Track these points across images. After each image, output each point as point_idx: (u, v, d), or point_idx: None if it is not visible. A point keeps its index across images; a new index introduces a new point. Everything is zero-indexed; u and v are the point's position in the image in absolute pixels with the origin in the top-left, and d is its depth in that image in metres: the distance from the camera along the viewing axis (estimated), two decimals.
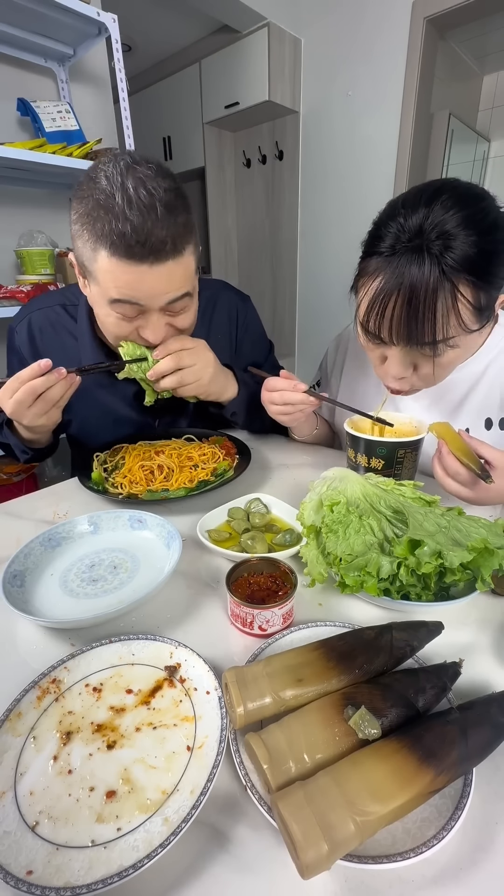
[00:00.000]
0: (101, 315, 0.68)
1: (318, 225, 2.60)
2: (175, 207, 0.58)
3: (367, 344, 0.63)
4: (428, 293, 0.51)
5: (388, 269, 0.53)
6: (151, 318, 0.65)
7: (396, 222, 0.53)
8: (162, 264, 0.59)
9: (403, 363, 0.60)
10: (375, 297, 0.55)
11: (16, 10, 1.30)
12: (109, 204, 0.56)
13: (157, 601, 0.47)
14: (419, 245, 0.51)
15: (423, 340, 0.54)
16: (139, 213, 0.55)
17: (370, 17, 2.09)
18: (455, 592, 0.45)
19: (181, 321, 0.70)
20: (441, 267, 0.50)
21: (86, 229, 0.58)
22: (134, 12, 2.21)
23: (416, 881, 0.26)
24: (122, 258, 0.57)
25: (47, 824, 0.28)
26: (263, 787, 0.29)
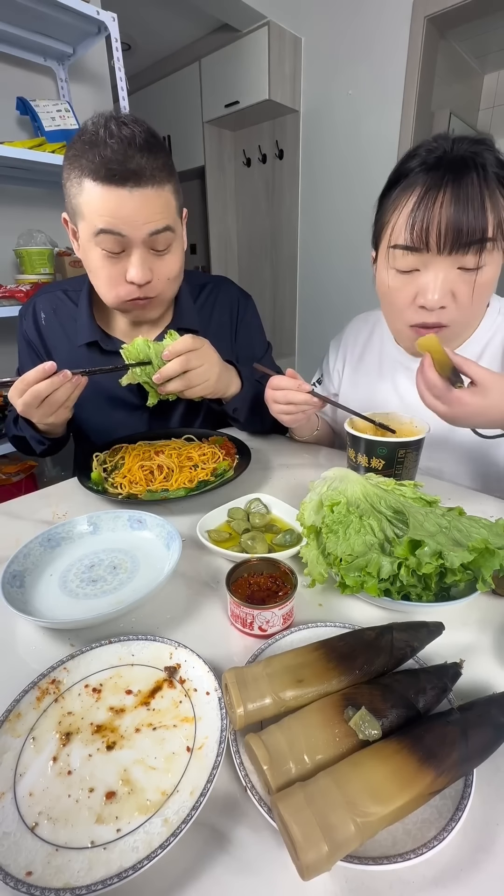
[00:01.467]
0: (91, 262, 0.69)
1: (318, 224, 2.60)
2: (154, 146, 0.64)
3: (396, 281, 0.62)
4: (474, 189, 0.53)
5: (429, 178, 0.55)
6: (135, 253, 0.67)
7: (424, 148, 0.56)
8: (141, 189, 0.63)
9: (444, 285, 0.59)
10: (419, 203, 0.56)
11: (15, 8, 1.30)
12: (93, 139, 0.61)
13: (157, 601, 0.47)
14: (455, 156, 0.54)
15: (474, 237, 0.54)
16: (119, 142, 0.61)
17: (370, 16, 2.08)
18: (456, 593, 0.44)
19: (166, 265, 0.71)
20: (478, 165, 0.53)
21: (73, 168, 0.63)
22: (133, 11, 2.20)
23: (417, 882, 0.26)
24: (103, 182, 0.61)
25: (47, 825, 0.28)
26: (263, 788, 0.29)
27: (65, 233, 0.75)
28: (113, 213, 0.63)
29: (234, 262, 3.14)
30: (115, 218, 0.63)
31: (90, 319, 0.82)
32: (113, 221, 0.63)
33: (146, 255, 0.68)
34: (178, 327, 0.86)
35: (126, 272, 0.68)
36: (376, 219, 0.65)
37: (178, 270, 0.75)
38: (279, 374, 0.71)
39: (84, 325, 0.82)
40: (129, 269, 0.68)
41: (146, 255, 0.68)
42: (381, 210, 0.63)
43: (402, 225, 0.58)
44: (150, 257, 0.69)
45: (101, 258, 0.67)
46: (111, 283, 0.70)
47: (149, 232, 0.66)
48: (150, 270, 0.69)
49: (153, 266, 0.70)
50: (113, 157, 0.60)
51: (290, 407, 0.70)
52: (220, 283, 0.96)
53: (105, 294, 0.73)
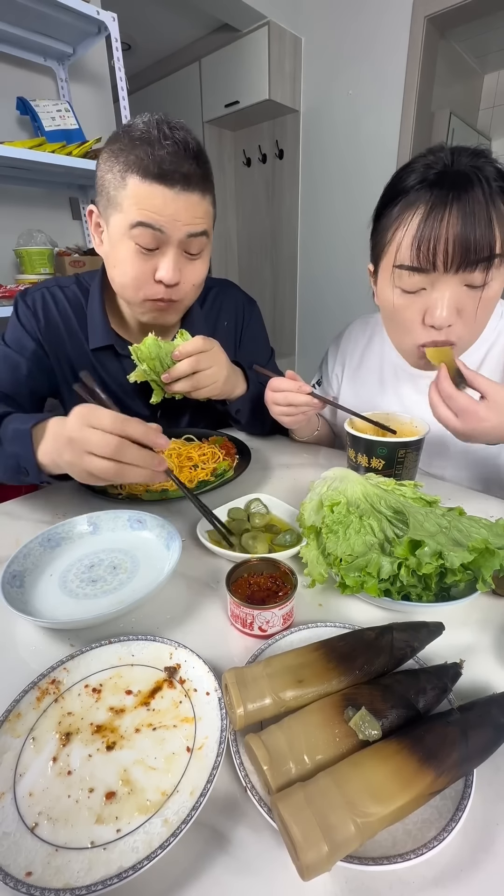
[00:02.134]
0: (120, 255, 0.67)
1: (318, 224, 2.60)
2: (202, 156, 0.65)
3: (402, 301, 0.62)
4: (480, 206, 0.52)
5: (433, 192, 0.54)
6: (169, 252, 0.66)
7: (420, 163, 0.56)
8: (189, 193, 0.63)
9: (451, 304, 0.58)
10: (422, 224, 0.55)
11: (15, 8, 1.30)
12: (146, 137, 0.61)
13: (157, 602, 0.47)
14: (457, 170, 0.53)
15: (482, 255, 0.54)
16: (174, 145, 0.61)
17: (371, 16, 2.08)
18: (456, 593, 0.44)
19: (195, 270, 0.71)
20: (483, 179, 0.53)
21: (119, 161, 0.62)
22: (134, 11, 2.20)
23: (417, 882, 0.26)
24: (154, 181, 0.61)
25: (47, 825, 0.28)
26: (263, 789, 0.29)
27: (65, 233, 0.75)
28: (157, 209, 0.62)
29: (234, 262, 3.13)
30: (157, 214, 0.63)
31: (104, 322, 0.80)
32: (155, 217, 0.63)
33: (179, 257, 0.68)
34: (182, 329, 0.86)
35: (156, 271, 0.67)
36: (374, 235, 0.64)
37: (202, 279, 0.74)
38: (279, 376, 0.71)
39: (98, 329, 0.80)
40: (160, 267, 0.67)
41: (179, 257, 0.68)
42: (379, 227, 0.62)
43: (408, 245, 0.57)
44: (181, 260, 0.68)
45: (132, 253, 0.66)
46: (138, 281, 0.69)
47: (187, 233, 0.65)
48: (179, 272, 0.68)
49: (183, 269, 0.69)
50: (167, 157, 0.61)
51: (290, 409, 0.70)
52: (226, 288, 0.95)
53: (128, 291, 0.71)
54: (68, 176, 1.57)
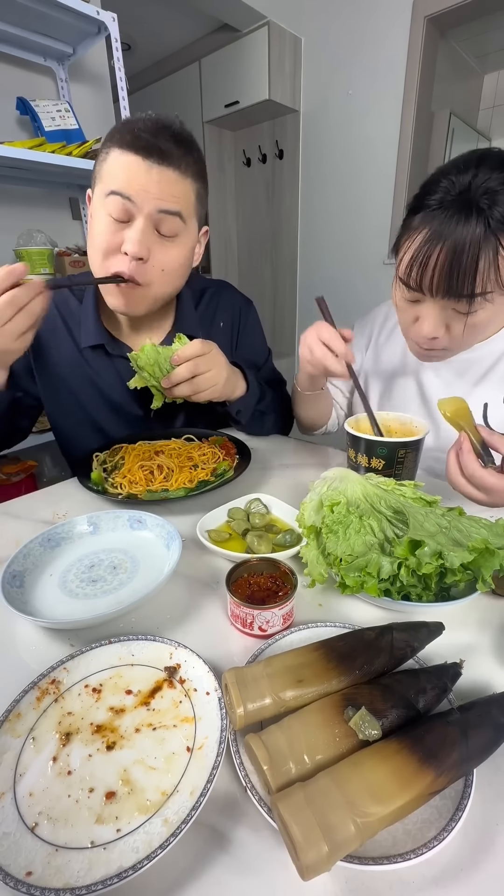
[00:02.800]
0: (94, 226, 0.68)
1: (318, 224, 2.59)
2: (187, 142, 0.66)
3: (402, 304, 0.64)
4: (472, 245, 0.53)
5: (435, 222, 0.55)
6: (136, 223, 0.65)
7: (447, 179, 0.56)
8: (163, 168, 0.63)
9: (437, 321, 0.61)
10: (420, 248, 0.56)
11: (15, 8, 1.30)
12: (134, 118, 0.64)
13: (157, 601, 0.47)
14: (467, 199, 0.53)
15: (462, 292, 0.55)
16: (156, 123, 0.63)
17: (371, 16, 2.08)
18: (456, 593, 0.44)
19: (166, 253, 0.69)
20: (487, 221, 0.52)
21: (107, 142, 0.65)
22: (134, 11, 2.20)
23: (417, 882, 0.26)
24: (129, 151, 0.62)
25: (47, 825, 0.28)
26: (263, 789, 0.29)
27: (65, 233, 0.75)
28: (129, 178, 0.63)
29: (234, 263, 3.13)
30: (128, 183, 0.63)
31: (97, 321, 0.80)
32: (125, 185, 0.63)
33: (148, 231, 0.66)
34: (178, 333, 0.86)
35: (123, 243, 0.66)
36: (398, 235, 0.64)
37: (176, 266, 0.71)
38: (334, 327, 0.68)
39: (90, 327, 0.80)
40: (126, 240, 0.66)
41: (148, 231, 0.66)
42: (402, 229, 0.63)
43: (406, 263, 0.59)
44: (151, 236, 0.66)
45: (104, 223, 0.66)
46: (105, 252, 0.67)
47: (157, 208, 0.64)
48: (147, 249, 0.66)
49: (152, 247, 0.67)
50: (143, 130, 0.62)
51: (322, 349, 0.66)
52: (222, 289, 0.95)
53: (96, 263, 0.70)
54: (68, 176, 1.57)
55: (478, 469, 0.50)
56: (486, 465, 0.50)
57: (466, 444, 0.52)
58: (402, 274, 0.60)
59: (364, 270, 2.44)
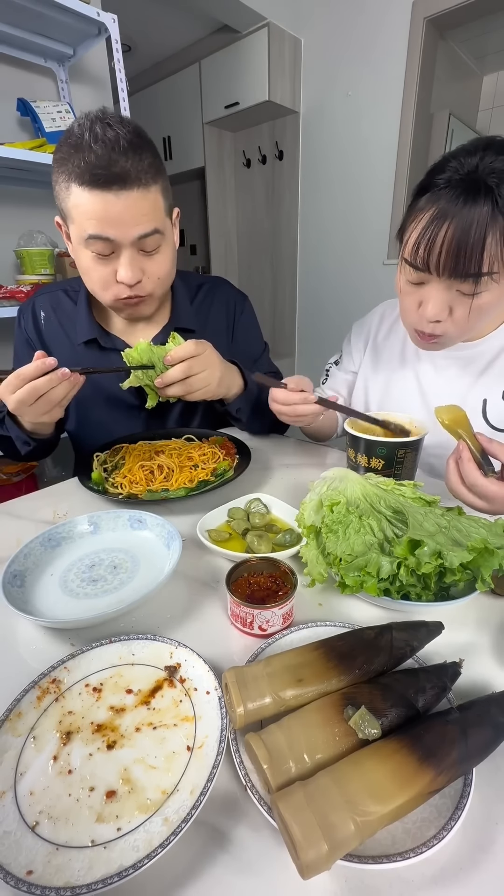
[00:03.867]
0: (83, 263, 0.70)
1: (318, 225, 2.60)
2: (139, 147, 0.64)
3: (406, 287, 0.64)
4: (479, 223, 0.53)
5: (442, 201, 0.55)
6: (124, 254, 0.68)
7: (456, 160, 0.56)
8: (127, 192, 0.63)
9: (442, 303, 0.60)
10: (427, 227, 0.56)
11: (16, 9, 1.30)
12: (78, 143, 0.61)
13: (157, 601, 0.47)
14: (475, 179, 0.54)
15: (469, 271, 0.55)
16: (103, 145, 0.61)
17: (370, 17, 2.09)
18: (455, 592, 0.45)
19: (156, 264, 0.72)
20: (494, 201, 0.53)
21: (61, 172, 0.64)
22: (134, 12, 2.21)
23: (416, 881, 0.26)
24: (89, 187, 0.62)
25: (47, 824, 0.28)
26: (263, 788, 0.29)
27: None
28: (100, 217, 0.63)
29: (234, 263, 3.14)
30: (102, 222, 0.64)
31: (89, 317, 0.83)
32: (101, 226, 0.64)
33: (135, 256, 0.69)
34: (175, 327, 0.86)
35: (116, 273, 0.69)
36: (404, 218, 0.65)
37: (168, 270, 0.75)
38: (281, 385, 0.69)
39: (83, 323, 0.82)
40: (118, 270, 0.69)
41: (135, 256, 0.69)
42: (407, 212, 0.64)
43: (412, 243, 0.59)
44: (139, 258, 0.70)
45: (91, 260, 0.68)
46: (103, 284, 0.71)
47: (137, 235, 0.66)
48: (140, 271, 0.70)
49: (143, 266, 0.71)
50: (97, 161, 0.60)
51: (298, 419, 0.71)
52: (217, 284, 0.97)
53: (98, 294, 0.74)
54: None
55: (479, 478, 0.50)
56: (487, 474, 0.49)
57: (466, 453, 0.51)
58: (409, 254, 0.60)
59: (364, 270, 2.44)
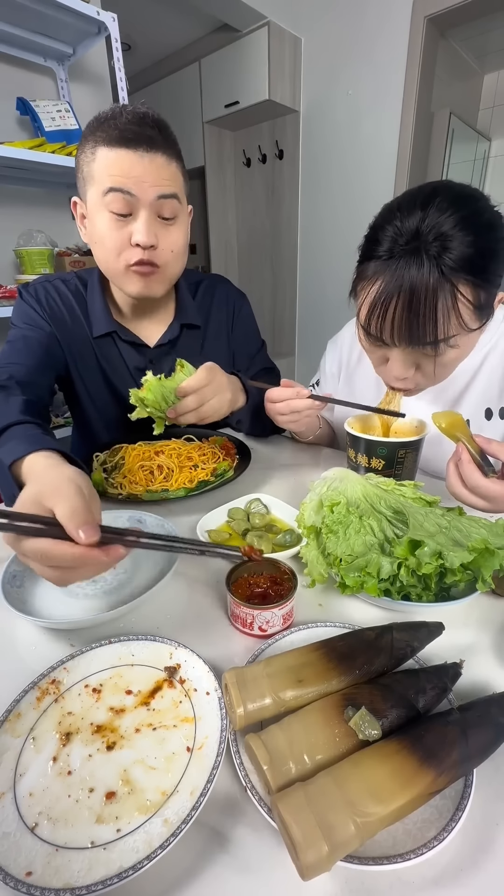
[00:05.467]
0: (98, 228, 0.70)
1: (318, 224, 2.59)
2: (165, 129, 0.68)
3: (369, 346, 0.63)
4: (428, 294, 0.51)
5: (388, 273, 0.53)
6: (141, 215, 0.68)
7: (393, 226, 0.53)
8: (153, 154, 0.66)
9: (405, 364, 0.60)
10: (376, 301, 0.55)
11: (15, 9, 1.30)
12: (110, 114, 0.66)
13: (157, 601, 0.47)
14: (417, 247, 0.51)
15: (425, 340, 0.54)
16: (134, 114, 0.66)
17: (370, 16, 2.08)
18: (455, 593, 0.44)
19: (171, 235, 0.73)
20: (440, 268, 0.50)
21: (88, 143, 0.67)
22: (133, 11, 2.20)
23: (417, 882, 0.26)
24: (118, 146, 0.65)
25: (47, 825, 0.28)
26: (263, 788, 0.29)
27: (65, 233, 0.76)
28: (125, 172, 0.65)
29: (234, 263, 3.13)
30: (125, 177, 0.65)
31: (106, 311, 0.83)
32: (123, 180, 0.65)
33: (152, 220, 0.69)
34: (181, 323, 0.87)
35: (132, 236, 0.69)
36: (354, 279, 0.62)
37: (182, 245, 0.75)
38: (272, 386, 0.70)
39: (100, 316, 0.82)
40: (134, 231, 0.69)
41: (152, 220, 0.69)
42: (356, 274, 0.61)
43: (364, 315, 0.57)
44: (155, 223, 0.70)
45: (107, 222, 0.68)
46: (117, 248, 0.70)
47: (157, 195, 0.67)
48: (154, 235, 0.70)
49: (158, 233, 0.71)
50: (127, 124, 0.64)
51: (294, 415, 0.70)
52: (216, 282, 0.98)
53: (111, 262, 0.72)
54: (68, 176, 1.57)
55: (480, 479, 0.49)
56: (488, 475, 0.49)
57: (465, 455, 0.51)
58: (363, 323, 0.58)
59: None
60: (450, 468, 0.52)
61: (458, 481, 0.51)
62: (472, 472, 0.50)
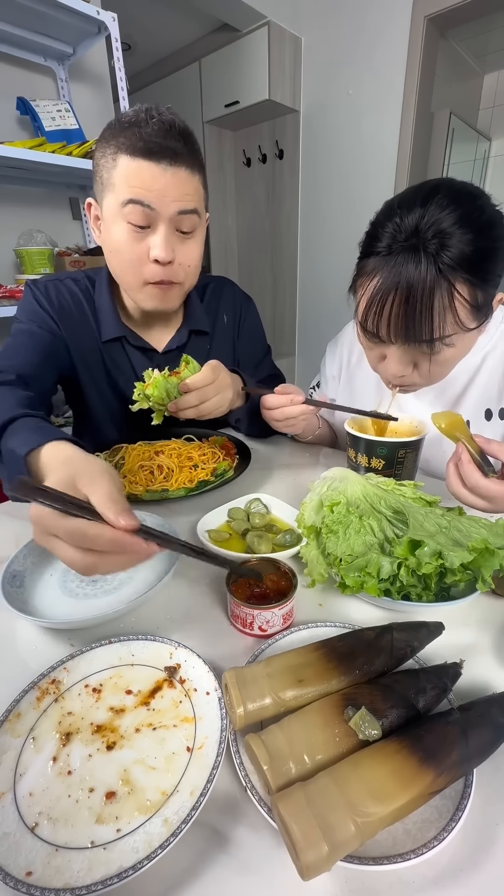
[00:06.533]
0: (115, 238, 0.68)
1: (318, 224, 2.59)
2: (190, 138, 0.67)
3: (367, 343, 0.63)
4: (425, 292, 0.51)
5: (386, 269, 0.53)
6: (160, 229, 0.67)
7: (393, 222, 0.53)
8: (177, 168, 0.64)
9: (402, 361, 0.60)
10: (373, 297, 0.55)
11: (16, 8, 1.30)
12: (135, 120, 0.63)
13: (157, 601, 0.47)
14: (416, 244, 0.51)
15: (421, 338, 0.54)
16: (160, 124, 0.63)
17: (371, 16, 2.08)
18: (455, 593, 0.44)
19: (188, 250, 0.72)
20: (437, 266, 0.50)
21: (110, 144, 0.65)
22: (134, 11, 2.20)
23: (417, 882, 0.26)
24: (141, 157, 0.63)
25: (47, 825, 0.28)
26: (263, 788, 0.29)
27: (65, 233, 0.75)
28: (146, 185, 0.64)
29: (234, 263, 3.13)
30: (146, 190, 0.64)
31: (115, 314, 0.82)
32: (144, 193, 0.64)
33: (171, 235, 0.68)
34: (189, 329, 0.87)
35: (149, 251, 0.68)
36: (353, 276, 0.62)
37: (197, 261, 0.75)
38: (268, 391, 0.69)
39: (109, 321, 0.81)
40: (152, 246, 0.68)
41: (171, 235, 0.68)
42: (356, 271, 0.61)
43: (362, 311, 0.58)
44: (173, 237, 0.69)
45: (125, 233, 0.67)
46: (134, 264, 0.69)
47: (178, 210, 0.66)
48: (172, 250, 0.69)
49: (176, 248, 0.70)
50: (153, 135, 0.62)
51: (289, 420, 0.70)
52: (223, 284, 0.97)
53: (127, 276, 0.72)
54: (68, 176, 1.57)
55: (480, 479, 0.49)
56: (488, 475, 0.49)
57: (465, 455, 0.51)
58: (361, 319, 0.59)
59: None
60: (450, 468, 0.52)
61: (458, 481, 0.51)
62: (472, 473, 0.50)
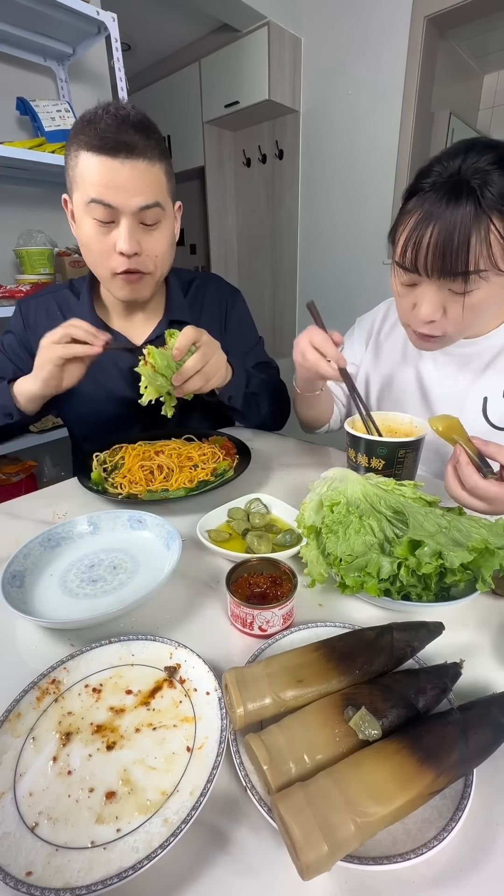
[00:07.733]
0: (84, 234, 0.72)
1: (318, 224, 2.59)
2: (147, 127, 0.67)
3: (400, 290, 0.65)
4: (464, 223, 0.54)
5: (427, 203, 0.56)
6: (123, 223, 0.69)
7: (440, 164, 0.57)
8: (133, 162, 0.66)
9: (434, 304, 0.61)
10: (414, 228, 0.57)
11: (15, 8, 1.30)
12: (92, 117, 0.65)
13: (157, 601, 0.47)
14: (458, 181, 0.55)
15: (457, 270, 0.56)
16: (115, 118, 0.65)
17: (370, 17, 2.08)
18: (455, 593, 0.44)
19: (154, 241, 0.74)
20: (477, 199, 0.53)
21: (73, 144, 0.67)
22: (133, 11, 2.20)
23: (417, 882, 0.26)
24: (96, 152, 0.65)
25: (47, 825, 0.28)
26: (263, 788, 0.29)
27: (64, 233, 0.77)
28: (105, 182, 0.66)
29: (234, 262, 3.13)
30: (106, 188, 0.66)
31: (91, 311, 0.84)
32: (104, 191, 0.66)
33: (134, 228, 0.70)
34: (170, 320, 0.87)
35: (115, 244, 0.70)
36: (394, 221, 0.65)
37: (165, 249, 0.76)
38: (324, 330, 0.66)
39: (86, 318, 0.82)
40: (117, 240, 0.70)
41: (134, 228, 0.70)
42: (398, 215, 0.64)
43: (401, 246, 0.60)
44: (138, 230, 0.71)
45: (92, 228, 0.70)
46: (102, 256, 0.72)
47: (138, 206, 0.68)
48: (137, 243, 0.71)
49: (141, 240, 0.72)
50: (107, 129, 0.64)
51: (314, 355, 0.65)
52: (209, 280, 0.98)
53: (98, 268, 0.75)
54: None
55: (479, 481, 0.50)
56: (486, 476, 0.49)
57: (464, 457, 0.51)
58: (398, 256, 0.61)
59: (364, 270, 2.44)
60: (448, 470, 0.53)
61: (456, 483, 0.52)
62: (471, 474, 0.50)
